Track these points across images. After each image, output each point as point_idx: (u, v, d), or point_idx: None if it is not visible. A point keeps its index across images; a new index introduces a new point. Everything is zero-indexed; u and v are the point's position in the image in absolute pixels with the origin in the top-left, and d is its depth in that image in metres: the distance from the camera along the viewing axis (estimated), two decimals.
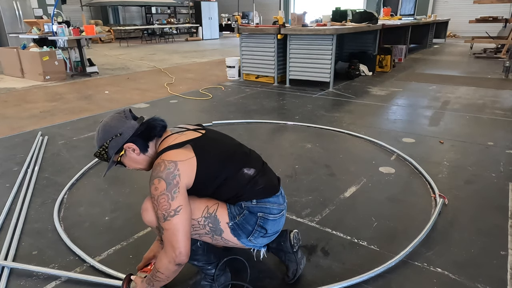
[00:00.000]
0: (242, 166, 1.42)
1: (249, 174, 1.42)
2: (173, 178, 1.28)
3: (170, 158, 1.31)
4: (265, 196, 1.44)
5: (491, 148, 3.18)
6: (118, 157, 1.42)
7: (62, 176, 2.77)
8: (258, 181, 1.43)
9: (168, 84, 6.31)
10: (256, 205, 1.42)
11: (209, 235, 1.42)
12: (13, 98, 5.46)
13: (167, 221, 1.26)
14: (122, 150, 1.39)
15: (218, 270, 1.54)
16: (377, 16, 6.72)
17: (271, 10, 20.42)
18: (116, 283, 1.63)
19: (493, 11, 13.29)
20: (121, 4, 17.30)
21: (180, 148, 1.34)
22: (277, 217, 1.46)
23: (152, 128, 1.41)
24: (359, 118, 4.15)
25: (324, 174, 2.74)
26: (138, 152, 1.40)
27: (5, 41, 10.31)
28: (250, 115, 4.33)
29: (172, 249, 1.26)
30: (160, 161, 1.32)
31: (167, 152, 1.33)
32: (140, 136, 1.39)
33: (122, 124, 1.38)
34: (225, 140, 1.50)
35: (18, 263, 1.78)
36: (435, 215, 2.11)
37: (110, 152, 1.39)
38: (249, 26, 6.54)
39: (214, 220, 1.39)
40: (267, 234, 1.45)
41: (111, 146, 1.38)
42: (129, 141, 1.38)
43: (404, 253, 1.78)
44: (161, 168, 1.29)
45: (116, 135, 1.37)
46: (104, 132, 1.38)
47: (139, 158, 1.42)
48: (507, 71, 6.49)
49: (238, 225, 1.41)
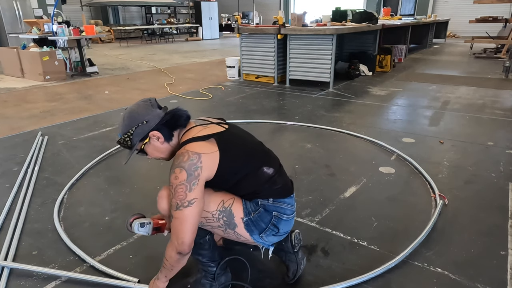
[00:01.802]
0: (262, 165, 1.44)
1: (268, 173, 1.44)
2: (195, 169, 1.29)
3: (194, 150, 1.31)
4: (281, 196, 1.46)
5: (491, 148, 3.18)
6: (142, 145, 1.42)
7: (62, 176, 2.77)
8: (276, 180, 1.45)
9: (168, 84, 6.31)
10: (272, 204, 1.44)
11: (222, 228, 1.44)
12: (13, 98, 5.46)
13: (179, 210, 1.28)
14: (147, 138, 1.40)
15: (219, 269, 1.55)
16: (377, 16, 6.72)
17: (271, 10, 20.41)
18: (116, 283, 1.63)
19: (493, 11, 13.28)
20: (121, 4, 17.29)
21: (205, 141, 1.35)
22: (290, 218, 1.49)
23: (178, 118, 1.42)
24: (359, 118, 4.16)
25: (324, 174, 2.74)
26: (162, 140, 1.42)
27: (5, 41, 10.32)
28: (250, 115, 4.33)
29: (176, 238, 1.29)
30: (183, 151, 1.32)
31: (192, 144, 1.34)
32: (166, 125, 1.41)
33: (148, 112, 1.39)
34: (247, 137, 1.52)
35: (18, 263, 1.78)
36: (435, 215, 2.11)
37: (134, 139, 1.40)
38: (249, 26, 6.54)
39: (228, 214, 1.41)
40: (278, 233, 1.47)
41: (137, 133, 1.39)
42: (155, 129, 1.39)
43: (404, 254, 1.78)
44: (184, 158, 1.30)
45: (142, 122, 1.38)
46: (131, 119, 1.39)
47: (162, 147, 1.43)
48: (507, 71, 6.49)
49: (253, 221, 1.43)
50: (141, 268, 1.75)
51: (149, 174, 2.81)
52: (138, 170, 2.86)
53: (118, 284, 1.62)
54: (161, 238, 1.91)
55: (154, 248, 1.89)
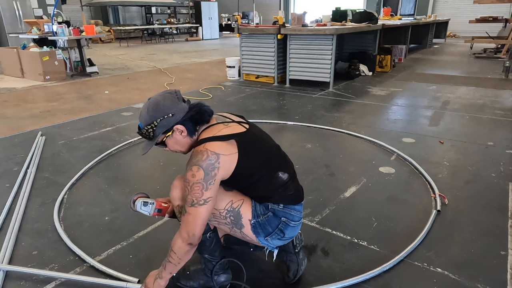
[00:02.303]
0: (278, 169, 1.45)
1: (282, 179, 1.44)
2: (212, 169, 1.29)
3: (213, 149, 1.31)
4: (292, 203, 1.47)
5: (491, 148, 3.18)
6: (164, 137, 1.41)
7: (62, 176, 2.77)
8: (289, 186, 1.46)
9: (168, 84, 6.31)
10: (283, 209, 1.45)
11: (229, 226, 1.46)
12: (13, 98, 5.46)
13: (194, 207, 1.29)
14: (170, 130, 1.39)
15: (217, 267, 1.55)
16: (377, 16, 6.72)
17: (271, 10, 20.42)
18: (116, 283, 1.63)
19: (493, 11, 13.29)
20: (121, 4, 17.29)
21: (225, 141, 1.35)
22: (297, 224, 1.50)
23: (203, 113, 1.41)
24: (359, 118, 4.15)
25: (324, 174, 2.74)
26: (185, 134, 1.41)
27: (5, 41, 10.31)
28: (250, 115, 4.33)
29: (186, 231, 1.31)
30: (203, 149, 1.31)
31: (212, 143, 1.33)
32: (191, 120, 1.40)
33: (175, 105, 1.38)
34: (266, 139, 1.52)
35: (13, 265, 1.77)
36: (431, 219, 2.11)
37: (158, 130, 1.38)
38: (249, 26, 6.55)
39: (236, 215, 1.43)
40: (284, 237, 1.49)
41: (161, 125, 1.37)
42: (180, 122, 1.38)
43: (403, 254, 1.78)
44: (203, 157, 1.29)
45: (168, 114, 1.37)
46: (156, 110, 1.37)
47: (183, 141, 1.43)
48: (507, 71, 6.49)
49: (260, 224, 1.44)
50: (141, 268, 1.74)
51: (149, 174, 2.81)
52: (138, 170, 2.86)
53: (118, 285, 1.61)
54: (162, 237, 1.92)
55: (154, 248, 1.89)
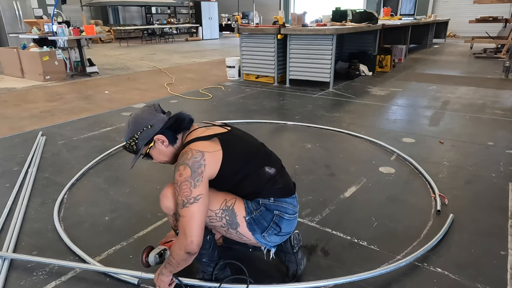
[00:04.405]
0: (264, 165, 1.47)
1: (269, 173, 1.47)
2: (199, 167, 1.32)
3: (197, 148, 1.35)
4: (282, 196, 1.49)
5: (491, 148, 3.18)
6: (147, 149, 1.46)
7: (62, 176, 2.77)
8: (277, 180, 1.48)
9: (168, 84, 6.30)
10: (274, 203, 1.46)
11: (225, 228, 1.46)
12: (13, 98, 5.46)
13: (186, 207, 1.29)
14: (152, 141, 1.44)
15: (217, 269, 1.56)
16: (377, 16, 6.72)
17: (271, 10, 20.41)
18: (130, 273, 1.64)
19: (493, 11, 13.27)
20: (121, 4, 17.30)
21: (208, 140, 1.39)
22: (292, 218, 1.51)
23: (181, 121, 1.47)
24: (359, 118, 4.15)
25: (324, 174, 2.74)
26: (167, 144, 1.45)
27: (5, 41, 10.31)
28: (250, 115, 4.33)
29: (184, 237, 1.30)
30: (187, 150, 1.35)
31: (195, 143, 1.38)
32: (170, 128, 1.45)
33: (152, 117, 1.44)
34: (249, 139, 1.56)
35: (16, 254, 1.78)
36: (446, 226, 2.11)
37: (140, 143, 1.44)
38: (249, 26, 6.55)
39: (231, 213, 1.44)
40: (280, 232, 1.49)
41: (142, 137, 1.43)
42: (159, 132, 1.43)
43: (408, 259, 1.78)
44: (188, 156, 1.33)
45: (147, 126, 1.42)
46: (135, 123, 1.43)
47: (167, 150, 1.47)
48: (507, 71, 6.49)
49: (255, 219, 1.45)
50: (141, 268, 1.74)
51: (149, 174, 2.81)
52: (138, 170, 2.86)
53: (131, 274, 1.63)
54: (162, 237, 1.91)
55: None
